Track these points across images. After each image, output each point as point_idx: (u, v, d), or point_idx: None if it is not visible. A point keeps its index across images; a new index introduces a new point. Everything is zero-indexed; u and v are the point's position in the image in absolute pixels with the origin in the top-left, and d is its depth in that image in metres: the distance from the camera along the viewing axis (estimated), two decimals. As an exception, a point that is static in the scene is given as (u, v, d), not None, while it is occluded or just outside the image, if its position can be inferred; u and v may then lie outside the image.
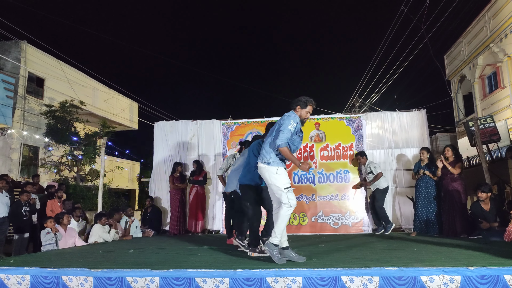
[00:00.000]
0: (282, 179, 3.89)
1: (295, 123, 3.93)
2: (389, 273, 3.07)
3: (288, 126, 3.88)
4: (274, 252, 3.76)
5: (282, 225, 3.86)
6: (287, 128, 3.87)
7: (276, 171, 3.90)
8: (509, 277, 2.95)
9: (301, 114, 4.04)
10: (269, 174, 3.93)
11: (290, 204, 3.84)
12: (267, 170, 3.95)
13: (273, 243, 3.80)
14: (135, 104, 18.63)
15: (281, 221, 3.86)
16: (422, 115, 7.89)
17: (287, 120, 3.93)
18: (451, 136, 14.68)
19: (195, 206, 7.84)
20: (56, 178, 12.24)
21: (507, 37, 11.09)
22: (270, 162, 3.92)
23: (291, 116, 3.97)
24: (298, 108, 4.04)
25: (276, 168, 3.91)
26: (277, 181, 3.89)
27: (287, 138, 3.86)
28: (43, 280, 3.45)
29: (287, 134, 3.86)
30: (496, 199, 6.15)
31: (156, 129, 8.65)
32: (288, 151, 3.85)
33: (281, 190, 3.86)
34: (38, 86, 13.60)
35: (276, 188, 3.89)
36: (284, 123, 3.91)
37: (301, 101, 4.05)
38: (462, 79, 14.50)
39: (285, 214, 3.85)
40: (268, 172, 3.94)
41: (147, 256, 4.44)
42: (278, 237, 3.83)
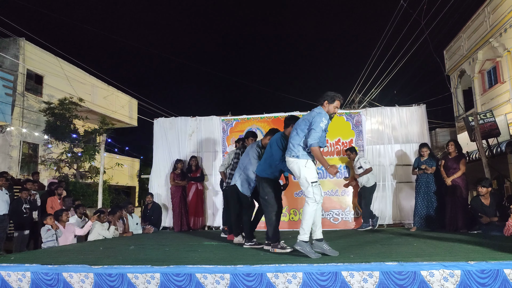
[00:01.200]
0: (311, 172, 3.91)
1: (326, 120, 3.91)
2: (389, 268, 3.08)
3: (320, 124, 3.85)
4: (306, 248, 3.77)
5: (309, 221, 3.87)
6: (319, 127, 3.85)
7: (306, 164, 3.91)
8: (509, 271, 2.95)
9: (329, 110, 4.01)
10: (298, 167, 3.93)
11: (315, 199, 3.85)
12: (296, 163, 3.95)
13: (303, 240, 3.82)
14: (134, 101, 18.59)
15: (308, 217, 3.87)
16: (422, 110, 7.87)
17: (318, 118, 3.88)
18: (451, 131, 14.69)
19: (195, 202, 7.84)
20: (56, 175, 12.25)
21: (506, 31, 11.06)
22: (299, 155, 3.93)
23: (322, 114, 3.92)
24: (326, 103, 4.02)
25: (306, 161, 3.92)
26: (306, 173, 3.89)
27: (319, 137, 3.85)
28: (44, 276, 3.45)
29: (319, 133, 3.85)
30: (496, 194, 6.16)
31: (156, 125, 8.64)
32: (319, 151, 3.84)
33: (308, 183, 3.87)
34: (37, 83, 13.57)
35: (304, 181, 3.90)
36: (316, 121, 3.86)
37: (328, 96, 4.02)
38: (461, 74, 14.48)
39: (311, 210, 3.86)
40: (297, 165, 3.94)
41: (148, 252, 4.45)
42: (307, 233, 3.85)
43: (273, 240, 4.34)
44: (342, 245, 4.68)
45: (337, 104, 4.02)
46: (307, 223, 3.87)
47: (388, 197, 7.62)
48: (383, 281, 3.06)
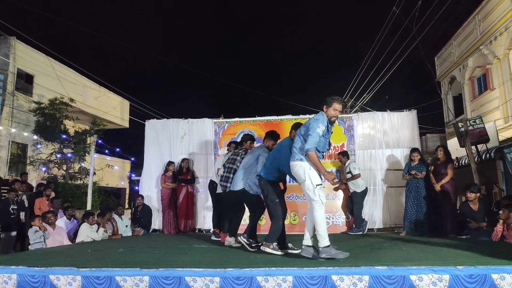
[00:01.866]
0: (315, 175, 3.94)
1: (324, 126, 3.93)
2: (378, 272, 3.09)
3: (316, 130, 3.88)
4: (332, 252, 3.76)
5: (323, 225, 3.89)
6: (316, 132, 3.88)
7: (310, 167, 3.94)
8: (496, 276, 2.98)
9: (329, 114, 4.03)
10: (303, 170, 3.95)
11: (321, 202, 3.88)
12: (300, 166, 3.98)
13: (325, 246, 3.81)
14: (126, 102, 18.48)
15: (320, 222, 3.88)
16: (413, 116, 7.95)
17: (315, 123, 3.93)
18: (441, 136, 14.84)
19: (185, 205, 7.80)
20: (45, 176, 12.09)
21: (496, 39, 11.24)
22: (303, 158, 3.96)
23: (319, 119, 3.96)
24: (325, 108, 4.05)
25: (310, 164, 3.94)
26: (312, 176, 3.92)
27: (316, 142, 3.87)
28: (30, 279, 3.40)
29: (316, 138, 3.87)
30: (484, 199, 6.24)
31: (147, 127, 8.59)
32: (316, 156, 3.86)
33: (313, 186, 3.89)
34: (27, 82, 13.42)
35: (309, 184, 3.92)
36: (313, 127, 3.91)
37: (326, 101, 4.06)
38: (452, 81, 14.66)
39: (321, 213, 3.88)
40: (302, 168, 3.97)
41: (137, 255, 4.41)
42: (325, 237, 3.84)
43: (269, 239, 4.37)
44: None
45: (335, 107, 4.02)
46: (322, 228, 3.88)
47: (378, 201, 7.66)
48: (372, 285, 3.06)
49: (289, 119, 8.16)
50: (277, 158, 4.54)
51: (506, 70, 11.03)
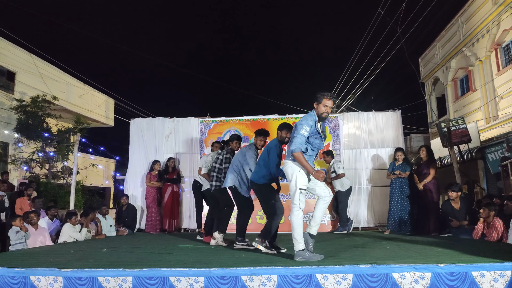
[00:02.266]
0: (302, 179, 3.91)
1: (308, 126, 3.90)
2: (362, 271, 3.12)
3: (300, 131, 3.87)
4: (306, 255, 3.75)
5: (299, 229, 3.87)
6: (300, 133, 3.87)
7: (300, 169, 3.92)
8: (476, 273, 3.04)
9: (319, 110, 3.99)
10: (292, 170, 3.93)
11: (299, 206, 3.88)
12: (290, 166, 3.95)
13: (300, 250, 3.80)
14: (111, 101, 18.21)
15: (296, 226, 3.87)
16: (397, 116, 8.05)
17: (299, 125, 3.92)
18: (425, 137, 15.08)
19: (170, 205, 7.75)
20: (26, 175, 11.84)
21: (479, 41, 11.47)
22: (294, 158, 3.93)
23: (303, 122, 3.93)
24: (315, 104, 4.02)
25: (300, 166, 3.91)
26: (297, 179, 3.90)
27: (301, 143, 3.86)
28: (10, 280, 3.33)
29: (300, 139, 3.86)
30: (466, 199, 6.36)
31: (132, 126, 8.50)
32: (302, 157, 3.83)
33: (296, 188, 3.88)
34: (8, 80, 13.11)
35: (293, 185, 3.91)
36: (297, 129, 3.91)
37: (316, 97, 4.03)
38: (435, 82, 14.91)
39: (298, 218, 3.87)
40: (291, 169, 3.94)
41: (121, 255, 4.36)
42: (302, 241, 3.83)
43: (262, 236, 4.39)
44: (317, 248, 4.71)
45: (325, 103, 3.97)
46: (298, 232, 3.86)
47: (363, 200, 7.74)
48: (356, 284, 3.10)
49: (276, 118, 8.19)
50: (267, 160, 4.56)
51: (488, 71, 11.27)
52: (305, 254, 3.77)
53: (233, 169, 5.05)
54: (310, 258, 3.74)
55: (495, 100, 10.91)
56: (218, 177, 5.47)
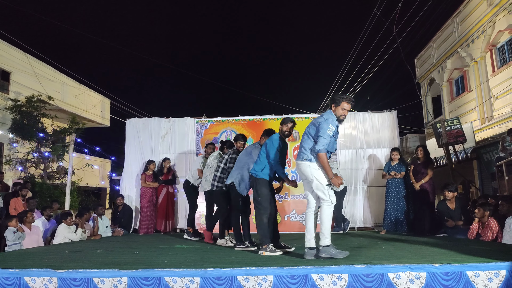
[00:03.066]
0: (322, 175, 3.89)
1: (334, 127, 3.87)
2: (357, 271, 3.13)
3: (327, 131, 3.82)
4: (331, 251, 3.74)
5: (328, 224, 3.86)
6: (326, 133, 3.82)
7: (318, 168, 3.89)
8: (471, 273, 3.06)
9: (337, 113, 3.97)
10: (311, 170, 3.90)
11: (331, 201, 3.86)
12: (308, 166, 3.91)
13: (325, 245, 3.78)
14: (107, 100, 18.14)
15: (327, 221, 3.85)
16: (393, 116, 8.08)
17: (325, 124, 3.85)
18: (420, 137, 15.14)
19: (165, 205, 7.72)
20: (21, 176, 11.77)
21: (474, 42, 11.54)
22: (311, 158, 3.91)
23: (329, 120, 3.89)
24: (333, 106, 3.99)
25: (318, 165, 3.89)
26: (320, 176, 3.88)
27: (327, 143, 3.82)
28: (4, 281, 3.30)
29: (327, 140, 3.82)
30: (461, 199, 6.38)
31: (128, 126, 8.46)
32: (326, 159, 3.80)
33: (323, 185, 3.86)
34: (3, 79, 13.03)
35: (318, 184, 3.88)
36: (323, 128, 3.84)
37: (334, 99, 4.00)
38: (431, 82, 14.97)
39: (328, 212, 3.85)
40: (309, 168, 3.91)
41: (116, 256, 4.34)
42: (328, 237, 3.81)
43: (262, 242, 4.33)
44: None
45: (344, 106, 3.96)
46: (327, 227, 3.85)
47: (359, 200, 7.76)
48: (352, 284, 3.10)
49: (272, 118, 8.19)
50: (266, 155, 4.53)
51: (483, 72, 11.33)
52: (330, 250, 3.76)
53: (237, 167, 5.05)
54: (335, 254, 3.73)
55: (490, 100, 10.97)
56: (221, 178, 5.44)
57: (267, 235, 4.36)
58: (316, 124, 3.96)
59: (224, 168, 5.43)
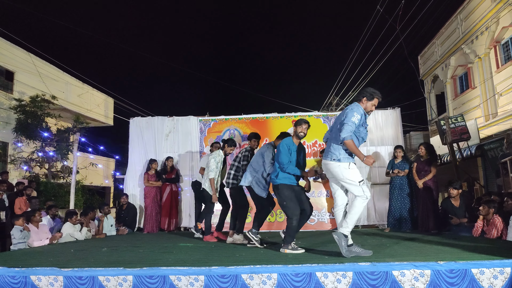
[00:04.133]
0: (355, 173, 3.89)
1: (359, 115, 3.86)
2: (362, 268, 3.12)
3: (352, 119, 3.81)
4: (342, 242, 3.73)
5: (355, 217, 3.84)
6: (351, 121, 3.81)
7: (348, 166, 3.89)
8: (476, 270, 3.05)
9: (367, 106, 3.97)
10: (341, 170, 3.88)
11: (366, 196, 3.85)
12: (337, 166, 3.89)
13: (343, 233, 3.78)
14: (110, 100, 18.20)
15: (355, 212, 3.82)
16: (397, 114, 8.05)
17: (350, 113, 3.86)
18: (424, 134, 15.09)
19: (169, 204, 7.74)
20: (26, 175, 11.84)
21: (478, 39, 11.47)
22: (340, 158, 3.88)
23: (354, 109, 3.89)
24: (364, 100, 3.97)
25: (348, 163, 3.89)
26: (351, 175, 3.87)
27: (352, 130, 3.80)
28: (10, 280, 3.33)
29: (351, 127, 3.80)
30: (465, 196, 6.36)
31: (132, 125, 8.49)
32: (353, 144, 3.79)
33: (356, 183, 3.85)
34: (7, 79, 13.09)
35: (351, 183, 3.87)
36: (348, 116, 3.85)
37: (368, 93, 3.98)
38: (435, 79, 14.90)
39: (361, 205, 3.84)
40: (339, 168, 3.89)
41: (121, 254, 4.36)
42: (350, 228, 3.81)
43: (285, 240, 4.34)
44: (317, 246, 4.73)
45: (375, 102, 3.98)
46: (353, 218, 3.82)
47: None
48: (356, 281, 3.10)
49: (275, 117, 8.18)
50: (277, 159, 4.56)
51: (487, 69, 11.26)
52: (342, 240, 3.75)
53: (251, 168, 5.06)
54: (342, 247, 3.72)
55: (495, 97, 10.91)
56: (235, 175, 5.48)
57: (292, 236, 4.37)
58: (342, 117, 3.94)
59: (238, 166, 5.48)
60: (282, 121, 8.07)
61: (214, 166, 5.69)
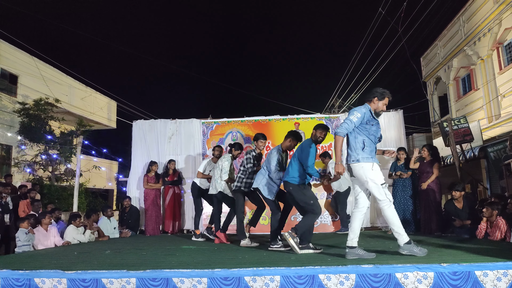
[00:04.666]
0: (378, 175, 3.87)
1: (360, 113, 3.86)
2: (365, 271, 3.12)
3: (350, 117, 3.86)
4: (414, 249, 3.72)
5: (398, 222, 3.84)
6: (349, 119, 3.85)
7: (372, 167, 3.87)
8: (479, 272, 3.04)
9: (378, 106, 3.97)
10: (364, 171, 3.86)
11: (389, 200, 3.85)
12: (361, 167, 3.87)
13: (406, 243, 3.77)
14: (113, 103, 18.27)
15: (394, 219, 3.83)
16: (399, 116, 8.04)
17: (351, 112, 3.91)
18: (427, 136, 15.05)
19: (172, 206, 7.75)
20: (30, 178, 11.90)
21: (480, 40, 11.45)
22: (359, 158, 3.88)
23: (356, 108, 3.92)
24: (376, 100, 3.97)
25: (371, 164, 3.87)
26: (374, 176, 3.85)
27: (347, 128, 3.84)
28: (15, 282, 3.35)
29: (347, 125, 3.83)
30: (469, 198, 6.34)
31: (135, 128, 8.52)
32: (340, 141, 3.84)
33: (378, 186, 3.83)
34: (11, 83, 13.18)
35: (373, 184, 3.84)
36: (348, 115, 3.91)
37: (378, 93, 3.97)
38: (437, 81, 14.87)
39: (392, 211, 3.84)
40: (363, 169, 3.86)
41: (124, 257, 4.37)
42: (404, 234, 3.80)
43: (304, 241, 4.35)
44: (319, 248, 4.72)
45: (386, 101, 3.98)
46: (398, 225, 3.82)
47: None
48: (359, 284, 3.10)
49: (277, 119, 8.19)
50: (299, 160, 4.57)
51: (490, 70, 11.24)
52: (412, 248, 3.74)
53: (262, 171, 5.07)
54: (415, 252, 3.70)
55: (497, 99, 10.87)
56: (240, 178, 5.47)
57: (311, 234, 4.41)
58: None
59: (244, 170, 5.46)
60: (284, 123, 8.08)
61: (227, 168, 5.74)
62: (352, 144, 3.96)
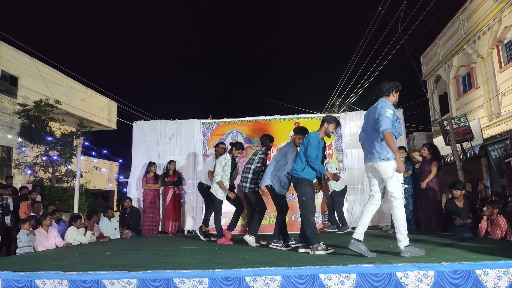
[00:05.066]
0: (400, 173, 3.87)
1: (392, 110, 3.84)
2: (365, 270, 3.12)
3: (385, 114, 3.79)
4: (415, 250, 3.73)
5: (404, 223, 3.85)
6: (385, 116, 3.78)
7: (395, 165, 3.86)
8: (480, 271, 3.04)
9: (395, 99, 3.98)
10: (390, 169, 3.85)
11: (403, 200, 3.88)
12: (391, 166, 3.84)
13: (406, 245, 3.78)
14: (113, 104, 18.29)
15: (403, 220, 3.85)
16: (399, 115, 8.02)
17: (382, 110, 3.83)
18: (427, 135, 15.05)
19: (172, 207, 7.75)
20: (30, 179, 11.91)
21: (480, 38, 11.44)
22: (389, 157, 3.84)
23: (385, 106, 3.87)
24: (394, 92, 3.97)
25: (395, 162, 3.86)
26: (399, 175, 3.85)
27: (390, 123, 3.77)
28: (16, 284, 3.35)
29: (388, 119, 3.78)
30: (469, 197, 6.33)
31: (135, 128, 8.52)
32: (392, 137, 3.76)
33: (399, 184, 3.85)
34: (11, 84, 13.20)
35: (397, 183, 3.85)
36: (381, 114, 3.81)
37: (394, 86, 3.96)
38: (437, 80, 14.87)
39: (401, 212, 3.87)
40: (389, 167, 3.85)
41: (125, 257, 4.37)
42: (406, 236, 3.81)
43: (313, 241, 4.30)
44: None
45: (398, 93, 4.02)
46: (404, 226, 3.83)
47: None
48: (359, 283, 3.09)
49: (277, 119, 8.19)
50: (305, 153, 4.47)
51: (490, 68, 11.23)
52: (413, 249, 3.75)
53: (272, 167, 5.03)
54: (416, 253, 3.71)
55: (498, 97, 10.87)
56: (253, 179, 5.44)
57: (317, 233, 4.35)
58: (375, 115, 3.89)
59: (255, 169, 5.44)
60: (284, 123, 8.08)
61: (220, 170, 5.70)
62: (377, 140, 3.89)
